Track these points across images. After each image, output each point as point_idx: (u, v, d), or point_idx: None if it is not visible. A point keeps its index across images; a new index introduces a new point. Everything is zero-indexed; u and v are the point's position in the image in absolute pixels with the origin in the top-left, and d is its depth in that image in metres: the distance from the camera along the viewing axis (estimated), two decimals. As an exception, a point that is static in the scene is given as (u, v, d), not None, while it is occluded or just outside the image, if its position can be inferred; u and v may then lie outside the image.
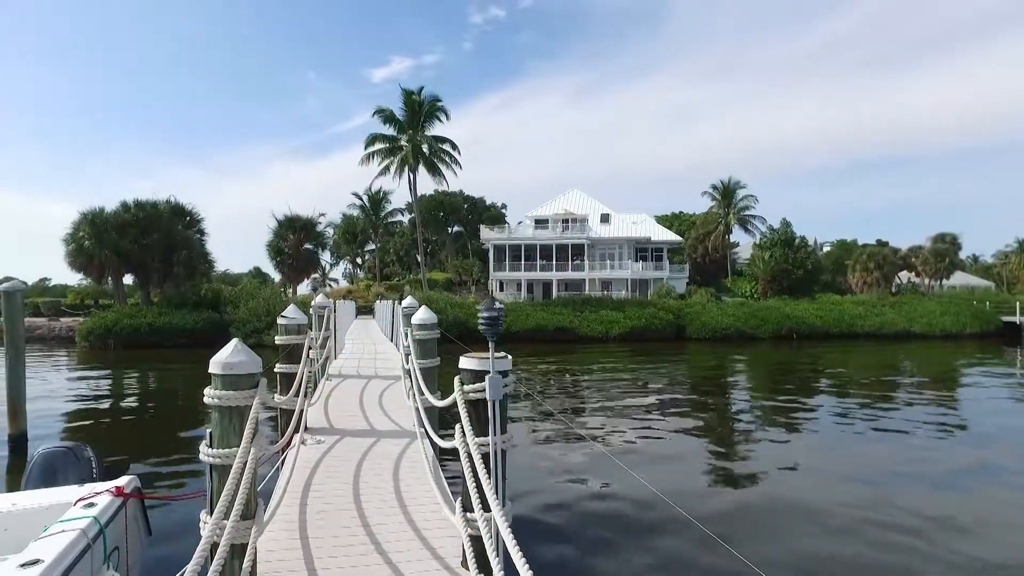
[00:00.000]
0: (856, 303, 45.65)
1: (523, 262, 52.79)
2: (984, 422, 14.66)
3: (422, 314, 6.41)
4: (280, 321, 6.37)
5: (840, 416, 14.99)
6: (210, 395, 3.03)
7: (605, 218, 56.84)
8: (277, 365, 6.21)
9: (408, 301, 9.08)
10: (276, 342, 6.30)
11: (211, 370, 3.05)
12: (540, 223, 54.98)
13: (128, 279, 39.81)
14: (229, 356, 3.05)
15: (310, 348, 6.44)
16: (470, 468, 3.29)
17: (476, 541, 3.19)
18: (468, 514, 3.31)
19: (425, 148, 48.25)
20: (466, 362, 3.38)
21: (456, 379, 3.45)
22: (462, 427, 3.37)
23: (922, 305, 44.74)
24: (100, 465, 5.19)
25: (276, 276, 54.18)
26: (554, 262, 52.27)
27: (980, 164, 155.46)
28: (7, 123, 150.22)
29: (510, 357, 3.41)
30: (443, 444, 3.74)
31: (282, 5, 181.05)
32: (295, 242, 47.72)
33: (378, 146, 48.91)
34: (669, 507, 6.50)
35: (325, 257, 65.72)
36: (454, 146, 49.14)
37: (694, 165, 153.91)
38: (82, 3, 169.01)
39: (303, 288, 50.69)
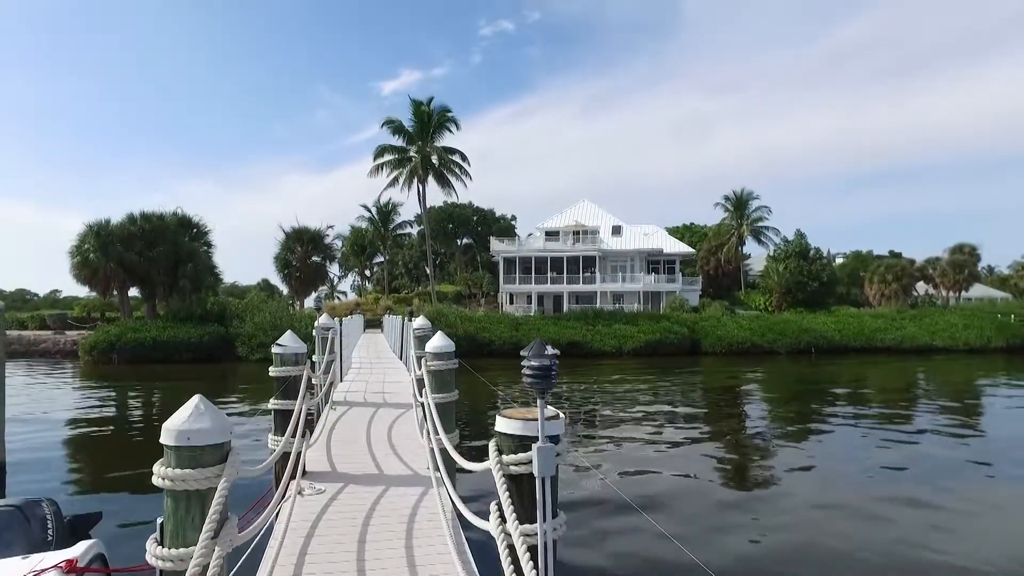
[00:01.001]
0: (875, 316, 44.57)
1: (533, 275, 51.98)
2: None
3: (438, 341, 5.58)
4: (275, 350, 5.54)
5: (864, 437, 14.34)
6: (161, 475, 2.22)
7: (616, 230, 55.99)
8: (272, 400, 5.41)
9: (420, 322, 8.27)
10: (271, 374, 5.50)
11: (163, 440, 2.25)
12: (551, 235, 54.20)
13: (134, 292, 39.34)
14: (188, 421, 2.25)
15: (310, 379, 5.64)
16: (511, 563, 2.47)
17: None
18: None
19: (434, 159, 47.62)
20: (505, 424, 2.56)
21: (491, 444, 2.63)
22: (499, 509, 2.56)
23: (943, 318, 43.57)
24: (60, 524, 4.38)
25: (284, 289, 53.63)
26: (565, 275, 51.44)
27: (990, 174, 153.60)
28: (25, 137, 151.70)
29: (563, 416, 2.60)
30: (476, 522, 2.92)
31: (293, 20, 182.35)
32: (302, 255, 47.16)
33: (387, 157, 48.31)
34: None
35: (333, 270, 65.23)
36: (464, 157, 48.47)
37: (704, 176, 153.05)
38: (96, 18, 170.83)
39: (310, 302, 50.04)
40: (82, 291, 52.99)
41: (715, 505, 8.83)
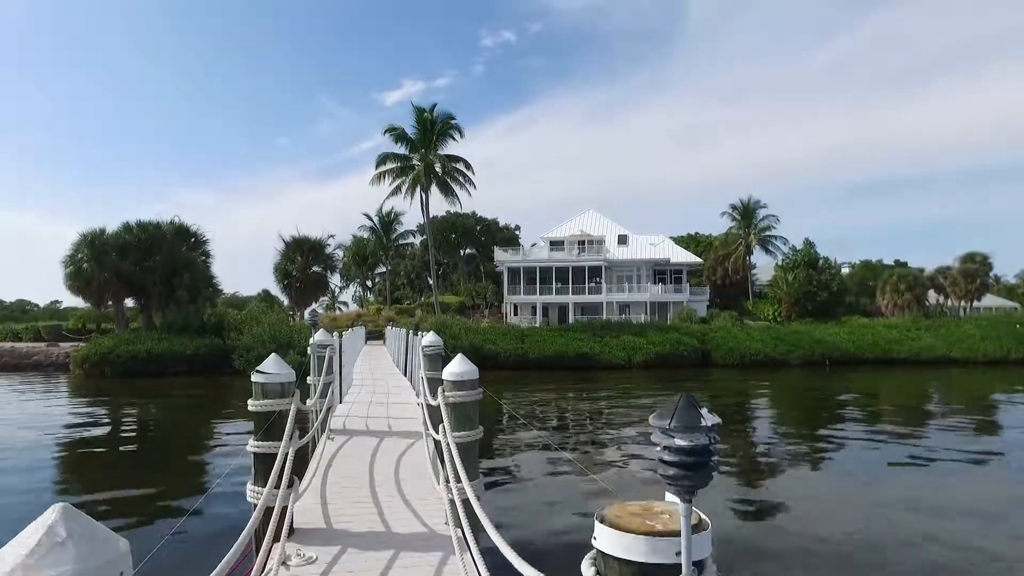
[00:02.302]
0: (889, 327, 43.45)
1: (538, 285, 50.91)
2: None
3: (459, 366, 4.49)
4: (255, 379, 4.34)
5: (880, 443, 14.07)
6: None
7: (622, 239, 55.00)
8: (251, 442, 4.33)
9: (430, 338, 7.23)
10: (250, 409, 4.37)
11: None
12: (555, 245, 53.19)
13: (130, 303, 38.32)
14: (25, 566, 1.17)
15: (299, 411, 4.57)
16: None
17: None
18: None
19: (438, 167, 46.54)
20: (616, 540, 1.46)
21: (586, 566, 1.56)
22: None
23: (960, 329, 42.40)
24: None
25: (284, 299, 52.55)
26: (570, 285, 50.33)
27: (992, 183, 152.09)
28: (28, 146, 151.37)
29: (710, 524, 1.53)
30: None
31: (295, 31, 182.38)
32: (303, 265, 46.07)
33: (389, 165, 47.27)
34: None
35: (335, 280, 64.24)
36: (468, 165, 47.33)
37: (706, 186, 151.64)
38: (101, 26, 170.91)
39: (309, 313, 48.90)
40: (80, 302, 51.98)
41: (720, 507, 8.89)
